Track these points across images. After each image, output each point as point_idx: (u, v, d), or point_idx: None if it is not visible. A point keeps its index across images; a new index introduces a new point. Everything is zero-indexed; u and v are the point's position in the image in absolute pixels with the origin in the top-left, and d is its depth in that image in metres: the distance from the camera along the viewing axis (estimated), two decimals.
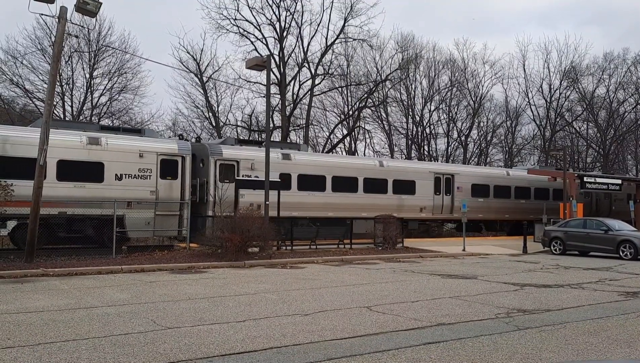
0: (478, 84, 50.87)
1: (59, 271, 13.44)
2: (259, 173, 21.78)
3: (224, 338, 6.91)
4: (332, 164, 25.37)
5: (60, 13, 15.22)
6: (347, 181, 25.11)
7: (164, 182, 20.17)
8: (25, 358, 5.95)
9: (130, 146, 19.75)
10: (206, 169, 21.62)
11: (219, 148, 22.28)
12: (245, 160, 22.15)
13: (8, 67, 33.82)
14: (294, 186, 23.42)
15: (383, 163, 27.57)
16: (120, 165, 19.28)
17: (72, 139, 18.84)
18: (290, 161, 23.56)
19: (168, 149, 20.72)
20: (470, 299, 10.33)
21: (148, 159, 19.89)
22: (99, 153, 19.08)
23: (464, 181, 29.60)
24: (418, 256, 19.33)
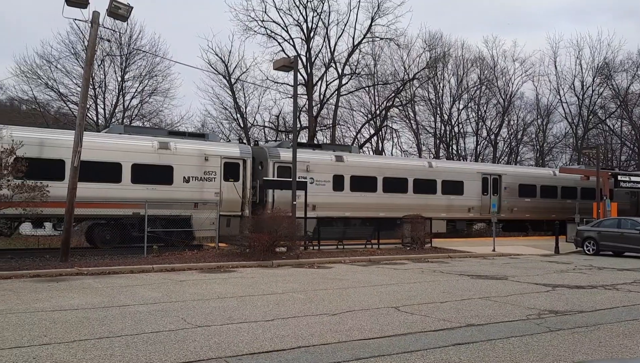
0: (508, 82, 50.10)
1: (92, 270, 13.75)
2: (314, 174, 22.85)
3: (253, 337, 6.98)
4: (383, 166, 25.85)
5: (93, 18, 15.58)
6: (397, 181, 25.56)
7: (227, 184, 21.05)
8: (61, 354, 6.11)
9: (196, 150, 20.73)
10: (265, 171, 22.40)
11: (277, 150, 22.98)
12: (301, 162, 22.47)
13: (43, 72, 34.75)
14: (347, 187, 23.97)
15: (432, 164, 27.85)
16: (188, 168, 20.21)
17: (144, 144, 19.88)
18: (343, 162, 24.06)
19: (231, 152, 21.69)
20: (500, 300, 10.20)
21: (212, 163, 20.85)
22: (169, 156, 20.06)
23: (511, 181, 29.76)
24: (447, 257, 19.16)
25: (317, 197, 22.62)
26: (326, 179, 23.30)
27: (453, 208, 27.14)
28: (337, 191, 23.35)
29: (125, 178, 19.12)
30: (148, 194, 19.01)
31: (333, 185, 23.62)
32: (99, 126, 35.00)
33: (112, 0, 15.27)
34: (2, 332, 7.11)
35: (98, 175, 18.36)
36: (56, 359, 5.92)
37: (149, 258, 16.36)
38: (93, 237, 19.85)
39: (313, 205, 21.82)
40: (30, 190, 14.97)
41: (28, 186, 14.99)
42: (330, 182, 23.56)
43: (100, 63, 34.81)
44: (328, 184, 23.50)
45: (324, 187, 23.35)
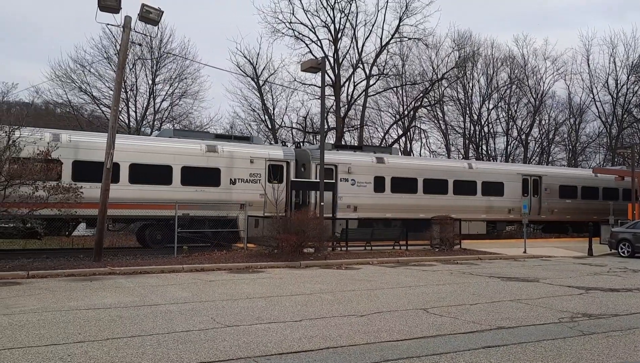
0: (539, 81, 49.22)
1: (124, 269, 14.02)
2: (355, 175, 23.33)
3: (281, 337, 7.02)
4: (422, 167, 26.09)
5: (125, 22, 15.89)
6: (437, 183, 25.76)
7: (272, 186, 21.47)
8: (95, 352, 6.26)
9: (243, 153, 21.31)
10: (307, 173, 22.90)
11: (319, 152, 22.98)
12: (342, 164, 23.22)
13: (77, 76, 35.54)
14: (388, 188, 24.25)
15: (472, 165, 27.98)
16: (234, 170, 20.78)
17: (193, 147, 20.50)
18: (384, 164, 24.41)
19: (275, 155, 22.26)
20: (531, 302, 10.03)
21: (258, 165, 21.43)
22: (216, 159, 20.69)
23: (552, 183, 29.67)
24: (476, 258, 18.92)
25: (359, 198, 23.22)
26: (367, 181, 23.71)
27: (493, 209, 27.21)
28: (378, 192, 23.77)
29: (175, 180, 19.77)
30: (197, 196, 19.56)
31: (374, 187, 23.92)
32: (130, 128, 35.65)
33: (143, 5, 15.56)
34: (38, 330, 7.32)
35: (150, 177, 19.05)
36: (90, 357, 6.06)
37: (179, 258, 16.60)
38: (144, 237, 20.44)
39: (355, 206, 22.62)
40: (65, 191, 15.35)
41: (63, 187, 15.37)
42: (372, 183, 23.88)
43: (131, 67, 35.44)
44: (369, 185, 23.83)
45: (365, 188, 23.71)
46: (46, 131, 18.61)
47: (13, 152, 14.75)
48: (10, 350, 6.30)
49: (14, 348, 6.35)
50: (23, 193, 14.63)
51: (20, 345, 6.53)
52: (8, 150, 14.63)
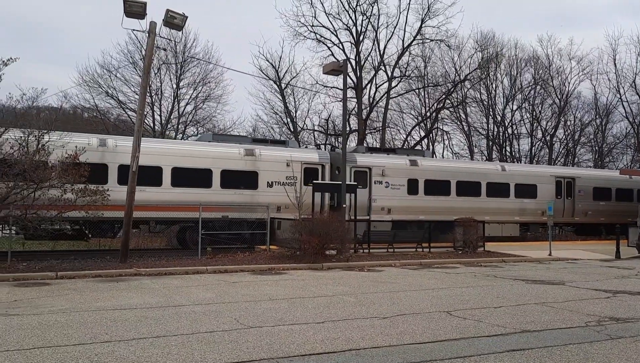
0: (564, 81, 48.39)
1: (150, 271, 14.23)
2: (389, 178, 23.76)
3: (304, 339, 7.06)
4: (456, 169, 26.28)
5: (150, 28, 16.15)
6: (470, 185, 25.93)
7: (307, 188, 21.61)
8: (121, 352, 6.37)
9: (279, 156, 21.90)
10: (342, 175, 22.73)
11: (354, 156, 23.81)
12: (377, 167, 23.65)
13: (104, 80, 36.20)
14: (421, 191, 24.56)
15: (505, 167, 28.14)
16: (271, 173, 21.31)
17: (232, 151, 21.22)
18: (417, 167, 24.71)
19: (310, 158, 22.91)
20: (557, 306, 9.90)
21: (294, 168, 21.92)
22: (254, 163, 21.30)
23: (585, 185, 29.50)
24: (500, 261, 18.72)
25: (393, 201, 23.67)
26: (401, 183, 24.08)
27: (526, 211, 27.17)
28: (411, 194, 24.15)
29: (215, 183, 20.40)
30: (235, 198, 20.09)
31: (408, 189, 24.24)
32: (155, 132, 36.14)
33: (168, 11, 15.80)
34: (66, 330, 7.48)
35: (191, 181, 19.63)
36: (117, 356, 6.18)
37: (203, 259, 16.78)
38: (185, 239, 20.94)
39: (388, 209, 23.15)
40: (92, 194, 15.64)
41: (90, 190, 15.67)
42: (405, 186, 24.21)
43: (156, 71, 35.93)
44: (403, 188, 24.16)
45: (399, 191, 24.07)
46: (93, 136, 19.55)
47: (42, 155, 15.09)
48: (40, 349, 6.46)
49: (44, 348, 6.51)
50: (52, 196, 14.97)
51: (49, 344, 6.68)
52: (37, 153, 14.98)
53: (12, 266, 14.32)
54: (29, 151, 14.87)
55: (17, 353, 6.27)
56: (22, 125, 15.32)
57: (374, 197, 23.22)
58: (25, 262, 15.33)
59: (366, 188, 23.13)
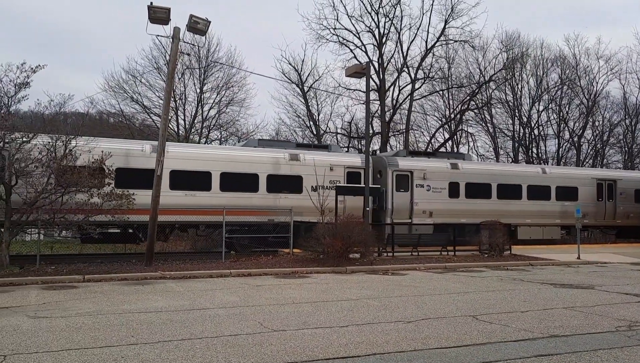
0: (592, 81, 47.49)
1: (174, 274, 14.37)
2: (430, 181, 24.02)
3: (328, 343, 7.02)
4: (496, 172, 26.43)
5: (174, 33, 16.34)
6: (511, 188, 26.06)
7: None
8: (147, 354, 6.43)
9: (323, 161, 22.36)
10: (384, 179, 23.60)
11: (395, 159, 24.25)
12: (418, 170, 23.96)
13: (129, 86, 36.82)
14: (462, 194, 24.76)
15: (545, 170, 28.21)
16: (315, 178, 21.54)
17: (277, 156, 21.77)
18: (458, 170, 24.94)
19: (353, 162, 23.32)
20: (586, 310, 9.68)
21: (337, 172, 22.47)
22: (299, 167, 21.84)
23: (627, 187, 29.27)
24: (527, 264, 18.41)
25: (434, 204, 23.98)
26: (442, 187, 24.30)
27: (567, 214, 26.97)
28: (452, 198, 24.35)
29: (261, 187, 20.89)
30: (281, 202, 20.51)
31: (449, 192, 24.44)
32: (179, 136, 36.55)
33: (191, 16, 15.97)
34: (93, 332, 7.58)
35: (239, 185, 20.16)
36: (142, 359, 6.24)
37: (226, 263, 16.88)
38: (232, 242, 21.33)
39: (430, 212, 23.54)
40: (118, 198, 15.87)
41: (116, 194, 15.90)
42: (446, 189, 24.40)
43: (180, 76, 36.39)
44: (444, 191, 24.35)
45: (440, 194, 24.25)
46: (146, 143, 20.46)
47: (70, 160, 15.36)
48: (68, 351, 6.55)
49: (71, 350, 6.61)
50: (79, 200, 15.24)
51: (77, 346, 6.78)
52: (65, 158, 15.26)
53: (40, 270, 14.60)
54: (57, 156, 15.15)
55: (46, 354, 6.37)
56: (50, 131, 15.63)
57: (416, 200, 23.62)
58: (53, 265, 15.62)
59: (408, 192, 23.59)
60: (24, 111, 18.32)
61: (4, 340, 7.07)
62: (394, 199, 23.27)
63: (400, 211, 22.94)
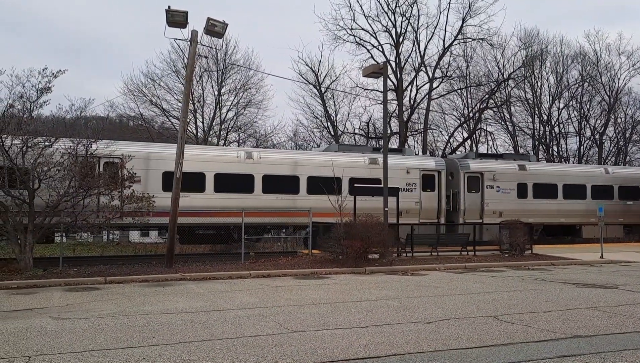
0: (613, 77, 46.71)
1: (194, 275, 14.47)
2: (500, 183, 24.98)
3: (348, 343, 7.01)
4: (562, 173, 27.24)
5: (192, 36, 16.48)
6: (576, 188, 26.77)
7: (425, 194, 23.61)
8: (168, 355, 6.48)
9: (400, 164, 23.13)
10: (456, 181, 24.56)
11: (467, 161, 25.15)
12: (488, 172, 24.87)
13: (148, 89, 37.21)
14: (530, 194, 25.58)
15: (608, 170, 28.98)
16: (393, 180, 21.97)
17: (358, 160, 22.96)
18: (526, 171, 25.83)
19: (428, 165, 24.34)
20: (610, 310, 9.52)
21: (413, 175, 23.43)
22: (377, 171, 22.29)
23: None
24: (549, 264, 18.18)
25: (503, 204, 24.86)
26: (511, 188, 25.22)
27: (630, 213, 27.59)
28: (521, 198, 25.18)
29: (344, 189, 21.30)
30: (361, 204, 21.00)
31: (517, 193, 25.31)
32: (198, 139, 36.82)
33: (209, 19, 16.08)
34: (116, 333, 7.67)
35: (323, 188, 20.77)
36: (164, 359, 6.29)
37: (246, 264, 16.94)
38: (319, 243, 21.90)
39: (500, 212, 24.46)
40: (138, 200, 16.04)
41: (136, 196, 16.06)
42: (515, 190, 25.30)
43: (198, 79, 36.68)
44: (513, 192, 25.26)
45: (509, 195, 25.16)
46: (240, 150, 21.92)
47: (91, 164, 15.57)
48: (91, 352, 6.64)
49: (94, 350, 6.69)
50: (102, 203, 15.45)
51: (100, 347, 6.87)
52: (86, 162, 15.46)
53: (63, 272, 14.81)
54: (78, 159, 15.36)
55: (69, 355, 6.46)
56: (71, 135, 15.86)
57: (486, 201, 24.54)
58: (75, 267, 15.84)
59: (478, 193, 24.55)
60: (45, 115, 18.63)
61: (29, 341, 7.19)
62: (466, 200, 24.31)
63: (471, 211, 23.99)
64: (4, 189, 14.63)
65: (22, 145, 14.66)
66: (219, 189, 20.14)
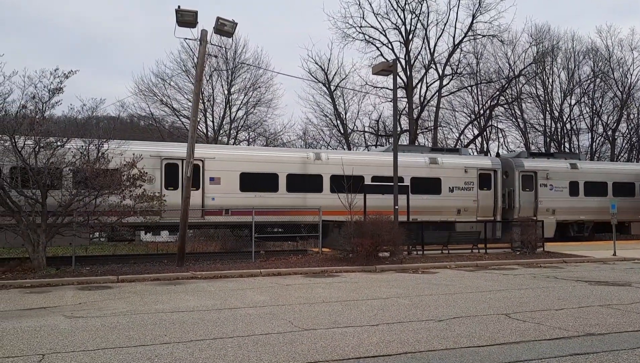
0: (626, 73, 46.23)
1: (205, 274, 14.54)
2: (553, 181, 25.90)
3: (358, 342, 7.01)
4: (611, 171, 28.26)
5: (201, 36, 16.52)
6: (625, 186, 27.72)
7: (482, 192, 24.53)
8: (180, 353, 6.52)
9: (458, 164, 24.36)
10: (511, 180, 25.46)
11: (521, 161, 26.02)
12: (541, 170, 25.84)
13: (158, 89, 37.40)
14: (581, 192, 26.56)
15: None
16: (452, 180, 23.53)
17: (419, 160, 23.84)
18: (577, 169, 26.79)
19: (484, 164, 25.30)
20: (623, 308, 9.43)
21: (470, 174, 24.39)
22: (437, 170, 23.69)
23: None
24: (561, 261, 18.05)
25: (556, 202, 25.80)
26: (563, 186, 26.17)
27: None
28: (572, 196, 26.12)
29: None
30: (422, 203, 22.06)
31: (569, 191, 26.23)
32: (208, 138, 36.94)
33: (218, 18, 16.12)
34: (128, 331, 7.73)
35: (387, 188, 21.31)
36: (176, 357, 6.32)
37: (256, 262, 17.00)
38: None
39: (553, 210, 25.47)
40: (150, 199, 16.12)
41: (147, 196, 16.15)
42: (567, 188, 26.24)
43: (208, 78, 36.80)
44: (565, 190, 26.18)
45: (561, 193, 26.11)
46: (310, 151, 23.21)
47: (102, 163, 15.68)
48: (104, 350, 6.69)
49: (107, 349, 6.74)
50: (112, 202, 15.55)
51: (112, 345, 6.92)
52: (98, 162, 15.58)
53: (76, 271, 14.94)
54: (90, 159, 15.48)
55: (82, 353, 6.52)
56: (83, 135, 15.98)
57: (540, 199, 25.40)
58: (88, 266, 15.98)
59: (532, 191, 25.40)
60: (57, 116, 18.79)
61: (43, 340, 7.27)
62: (520, 198, 25.12)
63: (526, 209, 24.73)
64: (17, 189, 14.78)
65: (35, 145, 14.79)
66: (290, 189, 21.08)
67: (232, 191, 20.45)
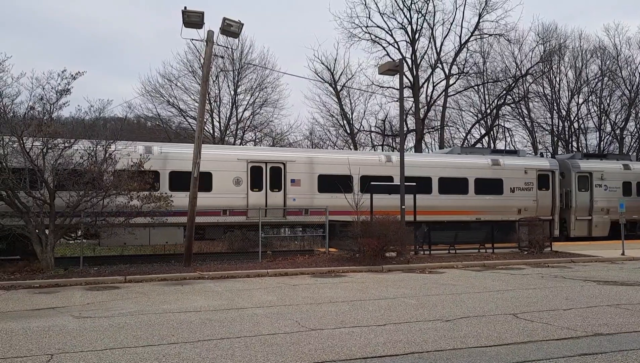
0: (634, 71, 45.86)
1: (212, 274, 14.56)
2: (607, 182, 26.69)
3: (365, 341, 7.00)
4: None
5: (208, 37, 16.57)
6: None
7: (541, 192, 25.24)
8: (187, 353, 6.54)
9: (519, 165, 25.11)
10: (567, 180, 26.40)
11: (577, 162, 26.93)
12: (596, 171, 26.59)
13: (165, 90, 37.47)
14: (634, 192, 27.33)
15: None
16: (513, 180, 24.27)
17: (482, 162, 24.68)
18: (630, 170, 27.61)
19: (543, 165, 25.95)
20: (632, 308, 9.37)
21: (530, 175, 25.09)
22: (499, 171, 24.50)
23: None
24: (569, 261, 17.95)
25: (610, 202, 26.13)
26: (617, 186, 26.87)
27: None
28: (625, 196, 26.47)
29: (470, 189, 23.58)
30: (485, 203, 22.61)
31: (622, 191, 26.89)
32: (215, 138, 37.00)
33: (224, 19, 16.16)
34: (135, 332, 7.76)
35: (452, 188, 22.91)
36: (183, 357, 6.35)
37: (263, 262, 17.01)
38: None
39: (607, 209, 26.15)
40: (157, 200, 16.18)
41: (154, 196, 16.21)
42: (620, 188, 26.91)
43: (215, 79, 36.82)
44: (618, 190, 26.80)
45: (615, 193, 26.69)
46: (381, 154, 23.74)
47: (110, 164, 15.75)
48: (112, 350, 6.73)
49: (115, 348, 6.78)
50: (120, 203, 15.62)
51: (120, 345, 6.95)
52: (105, 163, 15.65)
53: (84, 271, 15.02)
54: (97, 160, 15.55)
55: (91, 353, 6.56)
56: (90, 136, 16.05)
57: (595, 199, 26.20)
58: (96, 267, 16.05)
59: (587, 191, 26.23)
60: (65, 117, 18.89)
61: (51, 340, 7.31)
62: (576, 198, 25.94)
63: (581, 209, 25.76)
64: (26, 190, 14.87)
65: (43, 146, 14.88)
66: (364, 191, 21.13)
67: (310, 192, 21.42)
